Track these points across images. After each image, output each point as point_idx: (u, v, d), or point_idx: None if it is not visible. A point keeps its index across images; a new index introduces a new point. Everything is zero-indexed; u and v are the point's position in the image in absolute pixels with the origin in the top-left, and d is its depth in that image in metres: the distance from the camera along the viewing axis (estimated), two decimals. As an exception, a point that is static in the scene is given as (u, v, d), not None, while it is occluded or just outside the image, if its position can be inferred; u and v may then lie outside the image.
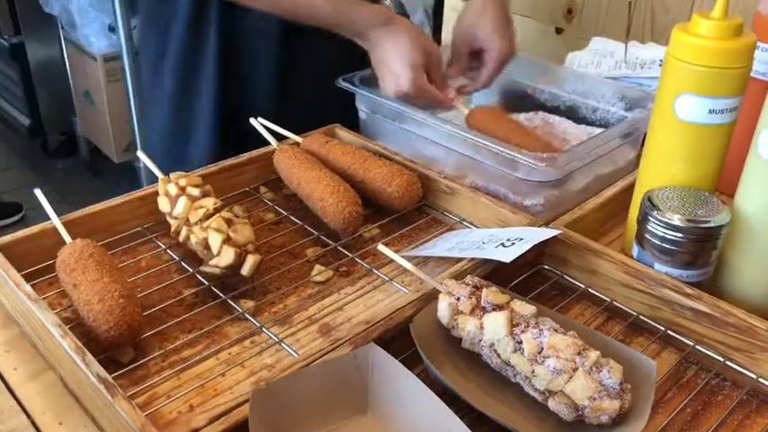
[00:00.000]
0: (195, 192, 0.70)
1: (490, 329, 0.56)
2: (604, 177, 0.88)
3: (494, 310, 0.58)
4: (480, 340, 0.57)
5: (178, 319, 0.65)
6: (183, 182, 0.71)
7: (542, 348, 0.54)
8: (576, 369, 0.53)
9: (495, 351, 0.56)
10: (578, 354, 0.54)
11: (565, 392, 0.53)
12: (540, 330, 0.56)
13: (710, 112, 0.66)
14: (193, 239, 0.68)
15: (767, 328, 0.59)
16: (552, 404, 0.54)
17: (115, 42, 2.28)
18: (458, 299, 0.59)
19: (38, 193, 0.73)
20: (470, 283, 0.60)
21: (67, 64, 2.56)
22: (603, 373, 0.53)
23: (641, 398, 0.54)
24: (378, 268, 0.73)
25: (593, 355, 0.54)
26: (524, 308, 0.58)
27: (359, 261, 0.74)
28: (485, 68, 0.96)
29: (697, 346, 0.62)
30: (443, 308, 0.59)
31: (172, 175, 0.72)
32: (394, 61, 0.86)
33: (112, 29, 2.31)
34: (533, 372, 0.54)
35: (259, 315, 0.67)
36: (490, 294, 0.58)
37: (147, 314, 0.65)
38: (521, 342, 0.55)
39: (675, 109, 0.67)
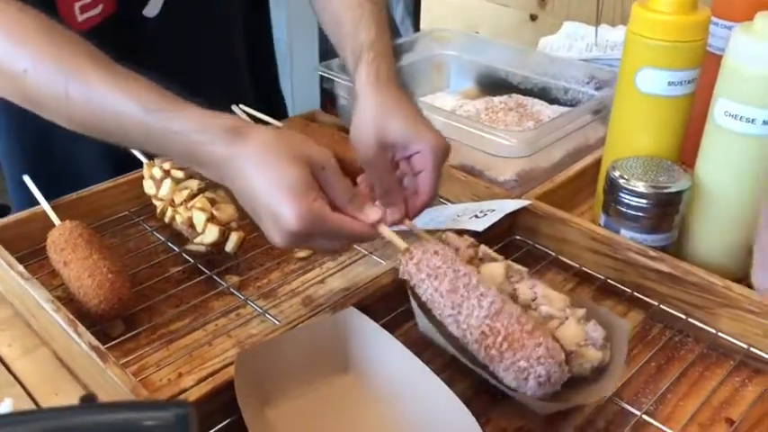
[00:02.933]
0: (179, 174, 0.73)
1: (487, 276, 0.59)
2: (576, 154, 0.91)
3: (491, 261, 0.61)
4: None
5: (166, 294, 0.68)
6: (167, 165, 0.73)
7: (536, 297, 0.58)
8: (567, 317, 0.56)
9: None
10: (567, 307, 0.57)
11: (555, 336, 0.55)
12: (534, 283, 0.59)
13: (670, 84, 0.69)
14: (179, 219, 0.71)
15: (724, 285, 0.62)
16: None
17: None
18: (456, 249, 0.62)
19: (26, 179, 0.75)
20: (468, 239, 0.63)
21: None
22: (590, 325, 0.56)
23: (614, 358, 0.56)
24: (359, 244, 0.76)
25: (581, 311, 0.57)
26: (518, 266, 0.61)
27: (339, 237, 0.77)
28: (424, 172, 0.63)
29: (661, 306, 0.66)
30: None
31: (156, 160, 0.75)
32: (265, 191, 0.53)
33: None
34: None
35: (244, 290, 0.70)
36: (488, 249, 0.62)
37: (136, 291, 0.68)
38: (515, 290, 0.58)
39: (637, 82, 0.71)
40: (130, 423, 0.22)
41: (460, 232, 0.65)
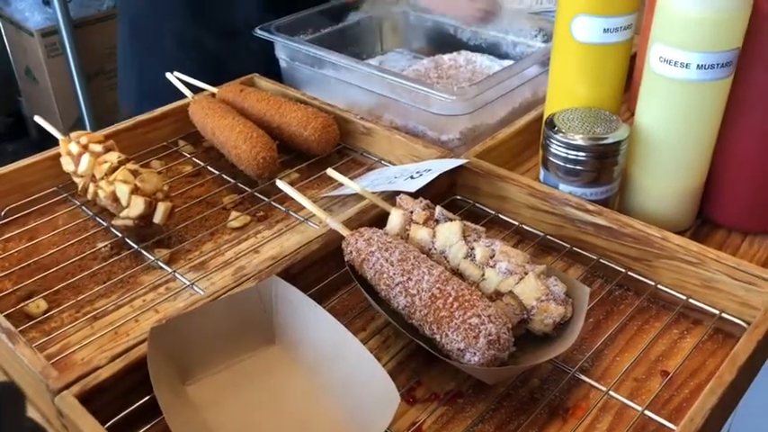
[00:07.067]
0: (98, 148, 0.70)
1: (443, 236, 0.58)
2: (524, 109, 0.88)
3: (447, 221, 0.59)
4: (430, 249, 0.59)
5: (91, 270, 0.66)
6: (84, 140, 0.70)
7: (495, 254, 0.56)
8: (526, 273, 0.55)
9: (446, 258, 0.58)
10: (527, 263, 0.56)
11: (514, 293, 0.54)
12: (492, 241, 0.58)
13: (605, 31, 0.67)
14: (101, 194, 0.68)
15: (662, 237, 0.60)
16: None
17: (51, 16, 2.22)
18: (411, 212, 0.61)
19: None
20: (423, 201, 0.62)
21: (6, 42, 2.49)
22: (551, 281, 0.55)
23: (573, 320, 0.55)
24: (296, 211, 0.74)
25: (541, 267, 0.56)
26: (475, 226, 0.60)
27: (276, 205, 0.75)
28: None
29: (600, 260, 0.64)
30: (396, 218, 0.60)
31: (72, 135, 0.72)
32: None
33: (47, 2, 2.24)
34: (483, 275, 0.56)
35: (174, 263, 0.67)
36: (444, 210, 0.60)
37: (62, 268, 0.66)
38: (473, 248, 0.57)
39: (572, 31, 0.68)
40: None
41: (415, 195, 0.64)
